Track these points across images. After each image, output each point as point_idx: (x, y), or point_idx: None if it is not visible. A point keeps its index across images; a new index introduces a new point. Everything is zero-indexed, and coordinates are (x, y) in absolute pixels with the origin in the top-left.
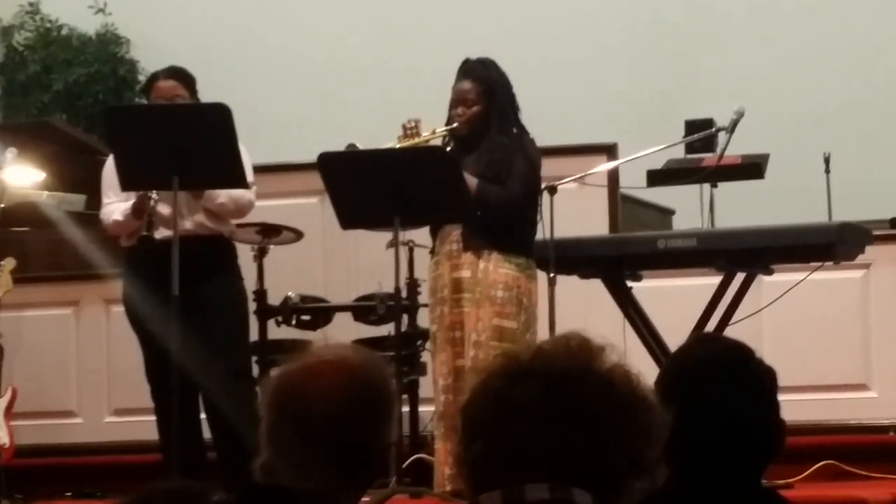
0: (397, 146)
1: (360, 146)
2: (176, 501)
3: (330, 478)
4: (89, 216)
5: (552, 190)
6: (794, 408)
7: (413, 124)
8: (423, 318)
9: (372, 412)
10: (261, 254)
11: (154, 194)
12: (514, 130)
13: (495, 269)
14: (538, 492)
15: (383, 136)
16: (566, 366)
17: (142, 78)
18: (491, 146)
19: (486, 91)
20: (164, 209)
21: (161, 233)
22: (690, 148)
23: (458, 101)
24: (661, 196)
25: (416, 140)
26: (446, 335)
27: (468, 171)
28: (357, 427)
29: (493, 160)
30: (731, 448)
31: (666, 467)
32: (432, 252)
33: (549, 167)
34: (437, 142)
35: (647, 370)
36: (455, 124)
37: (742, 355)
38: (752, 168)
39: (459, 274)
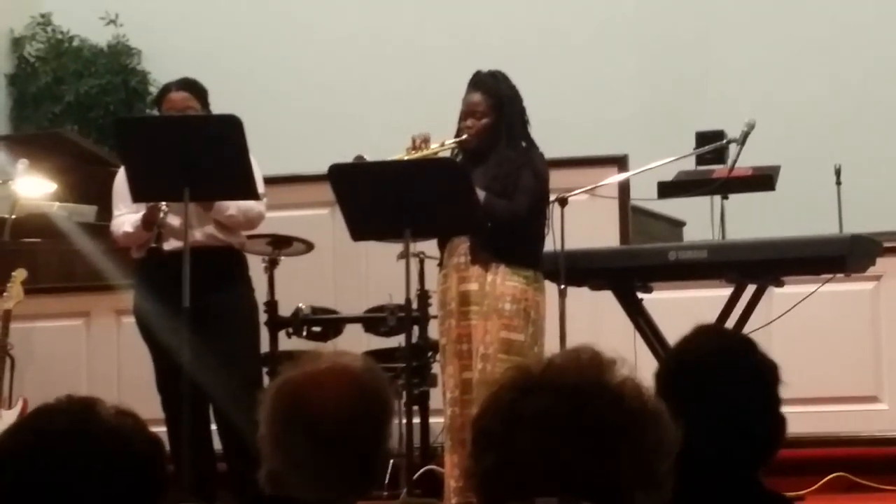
0: (406, 158)
1: (369, 158)
2: (67, 417)
3: (338, 485)
4: (100, 227)
5: (563, 201)
6: (804, 420)
7: (422, 137)
8: (434, 330)
9: (376, 419)
10: (271, 265)
11: (164, 206)
12: (523, 144)
13: (503, 282)
14: None
15: (393, 147)
16: (577, 379)
17: (153, 89)
18: (499, 160)
19: (496, 104)
20: (174, 221)
21: (171, 244)
22: (701, 160)
23: (467, 113)
24: (672, 208)
25: (425, 152)
26: (454, 348)
27: (476, 184)
28: (364, 434)
29: (500, 174)
30: (731, 441)
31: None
32: (440, 265)
33: (559, 179)
34: (446, 154)
35: None
36: (464, 136)
37: (745, 348)
38: (764, 180)
39: (467, 287)
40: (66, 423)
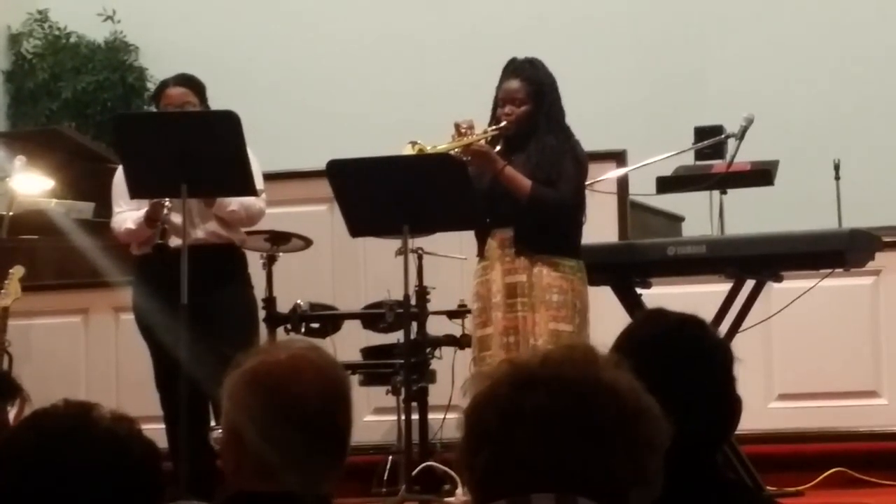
0: (452, 144)
1: (421, 143)
2: (64, 421)
3: (324, 471)
4: (98, 224)
5: None
6: (804, 415)
7: (467, 122)
8: (433, 326)
9: (345, 401)
10: (270, 261)
11: (167, 202)
12: (561, 132)
13: (549, 273)
14: (544, 501)
15: (392, 144)
16: (574, 375)
17: (150, 85)
18: (541, 147)
19: (535, 91)
20: (177, 217)
21: (175, 241)
22: (700, 155)
23: (505, 100)
24: (671, 203)
25: (472, 138)
26: (500, 340)
27: (518, 171)
28: (339, 417)
29: (543, 161)
30: (686, 425)
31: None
32: (480, 256)
33: None
34: (484, 141)
35: None
36: (503, 123)
37: (697, 330)
38: (762, 175)
39: (514, 279)
40: (62, 427)
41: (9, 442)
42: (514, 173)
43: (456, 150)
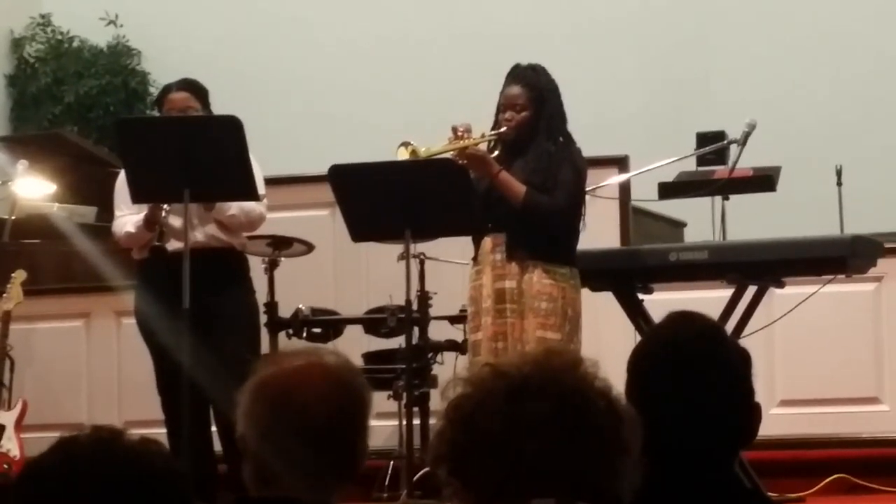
0: (447, 146)
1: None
2: (92, 445)
3: (328, 479)
4: (100, 228)
5: None
6: (805, 421)
7: (464, 126)
8: (434, 331)
9: (357, 411)
10: (271, 266)
11: (165, 205)
12: (561, 139)
13: (539, 280)
14: None
15: (395, 148)
16: (569, 382)
17: (153, 90)
18: (538, 153)
19: (535, 97)
20: (175, 221)
21: (173, 245)
22: (702, 160)
23: (506, 105)
24: (673, 208)
25: (468, 142)
26: (489, 346)
27: (515, 177)
28: (347, 426)
29: (540, 167)
30: (706, 431)
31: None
32: (474, 260)
33: None
34: (484, 146)
35: None
36: (503, 129)
37: (719, 336)
38: (764, 180)
39: (503, 284)
40: (90, 452)
41: (36, 469)
42: (509, 178)
43: (451, 152)
